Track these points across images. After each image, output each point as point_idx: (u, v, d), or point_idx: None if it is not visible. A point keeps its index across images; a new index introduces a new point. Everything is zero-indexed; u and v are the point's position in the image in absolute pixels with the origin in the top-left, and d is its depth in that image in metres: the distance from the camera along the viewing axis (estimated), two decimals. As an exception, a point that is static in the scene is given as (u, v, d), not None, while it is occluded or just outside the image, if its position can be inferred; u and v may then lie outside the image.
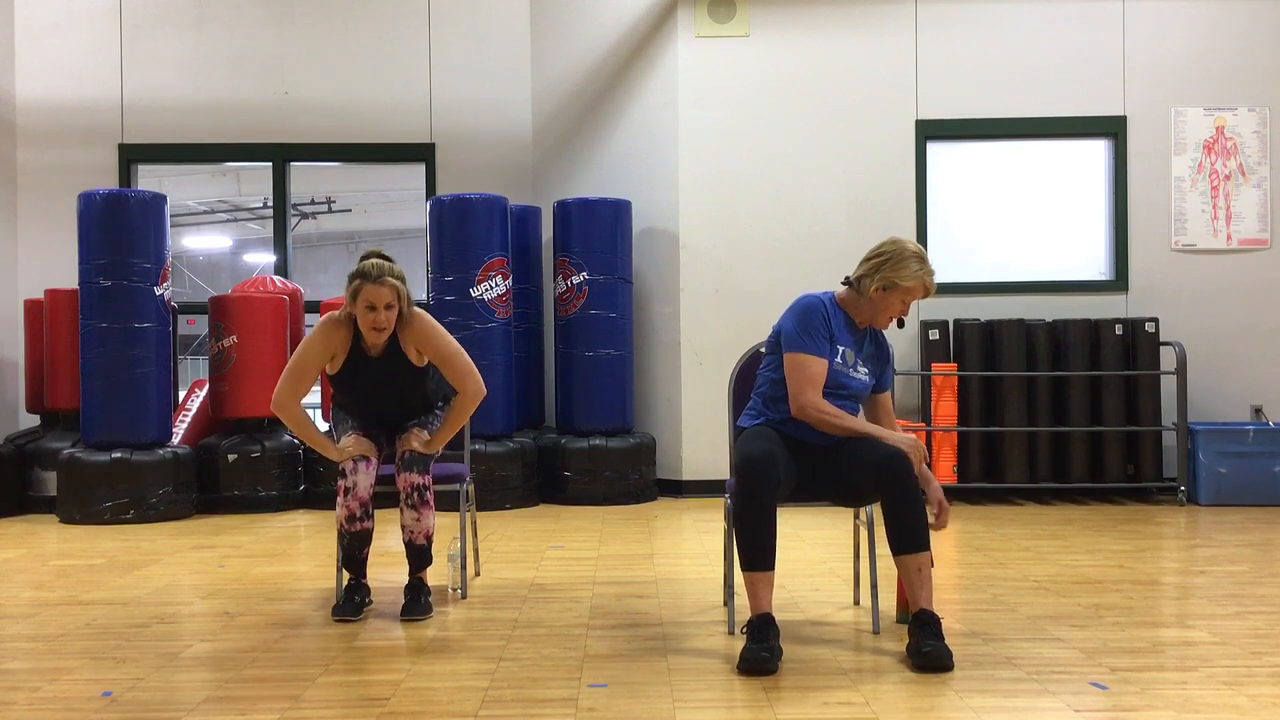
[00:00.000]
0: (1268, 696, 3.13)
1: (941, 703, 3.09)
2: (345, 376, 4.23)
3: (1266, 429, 7.19)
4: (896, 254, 3.76)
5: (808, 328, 3.76)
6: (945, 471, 7.28)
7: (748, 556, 3.53)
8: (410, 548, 4.26)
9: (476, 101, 8.79)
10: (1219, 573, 4.94)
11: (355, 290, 3.99)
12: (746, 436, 3.76)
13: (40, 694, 3.26)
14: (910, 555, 3.59)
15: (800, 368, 3.73)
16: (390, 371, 4.20)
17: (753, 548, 3.52)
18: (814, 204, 7.76)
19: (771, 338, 3.91)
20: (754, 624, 3.48)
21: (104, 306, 6.86)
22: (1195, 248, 7.78)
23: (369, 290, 3.98)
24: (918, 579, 3.59)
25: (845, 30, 7.80)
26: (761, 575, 3.51)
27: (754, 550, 3.52)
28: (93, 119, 8.67)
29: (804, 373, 3.72)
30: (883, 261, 3.77)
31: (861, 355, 3.86)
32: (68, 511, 6.80)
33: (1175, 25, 7.79)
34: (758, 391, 3.94)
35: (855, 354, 3.84)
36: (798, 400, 3.71)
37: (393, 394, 4.28)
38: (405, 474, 4.19)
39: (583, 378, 7.54)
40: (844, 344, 3.82)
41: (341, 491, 4.15)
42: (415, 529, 4.23)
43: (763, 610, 3.49)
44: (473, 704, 3.11)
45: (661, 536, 6.07)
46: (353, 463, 4.12)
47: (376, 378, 4.21)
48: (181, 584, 4.89)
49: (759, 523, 3.51)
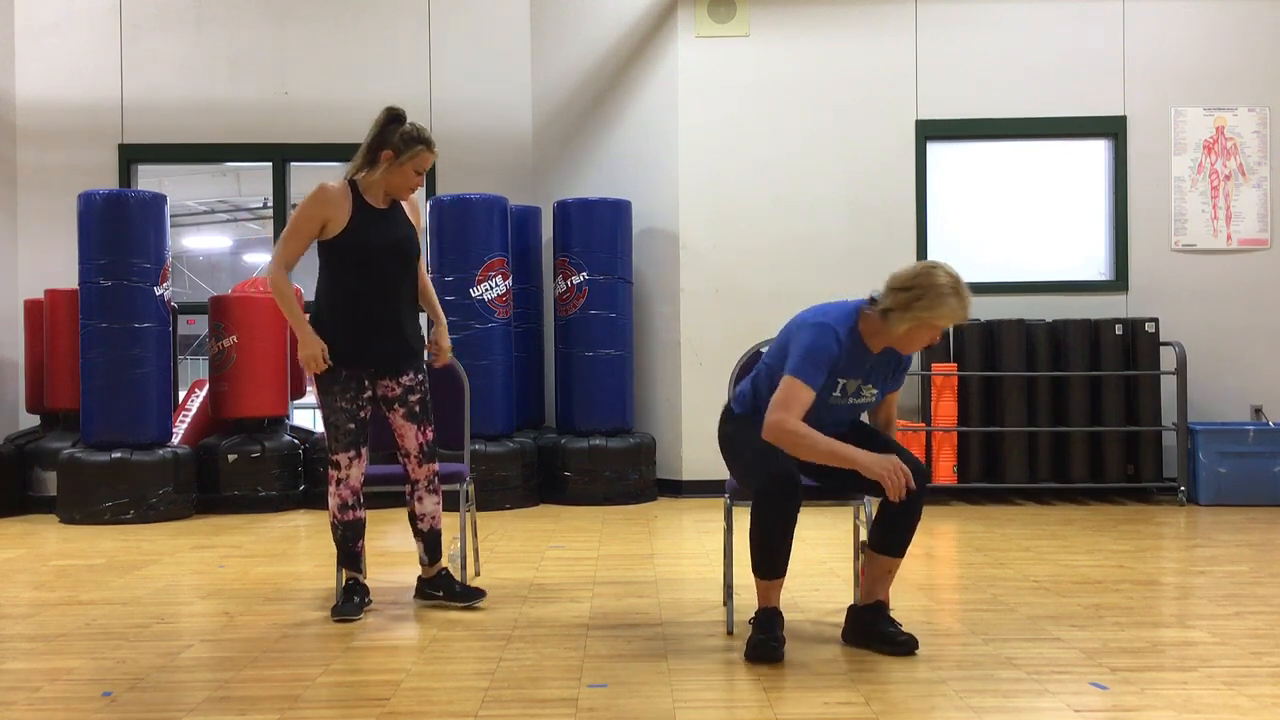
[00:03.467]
0: (1268, 696, 3.13)
1: (941, 703, 3.09)
2: (349, 238, 4.14)
3: (1266, 429, 7.19)
4: (932, 291, 3.46)
5: (814, 360, 3.51)
6: (945, 471, 7.28)
7: (766, 567, 3.59)
8: (431, 534, 4.38)
9: (476, 101, 8.78)
10: (1219, 573, 4.94)
11: (414, 153, 4.13)
12: (760, 450, 3.58)
13: (40, 694, 3.26)
14: (893, 558, 3.70)
15: (789, 390, 3.49)
16: (395, 229, 4.21)
17: (771, 559, 3.58)
18: (814, 204, 7.76)
19: (784, 336, 3.70)
20: (761, 616, 3.59)
21: (104, 306, 6.86)
22: (1195, 248, 7.78)
23: (426, 156, 4.18)
24: (887, 578, 3.73)
25: (845, 30, 7.80)
26: (775, 582, 3.61)
27: (771, 561, 3.58)
28: (93, 119, 8.66)
29: (790, 395, 3.48)
30: (914, 299, 3.47)
31: (871, 378, 3.67)
32: (68, 511, 6.80)
33: (1175, 25, 7.79)
34: (755, 378, 3.80)
35: (862, 381, 3.65)
36: (771, 416, 3.49)
37: (394, 261, 4.21)
38: (427, 464, 4.32)
39: (583, 378, 7.54)
40: (848, 376, 3.62)
41: (333, 481, 4.19)
42: (436, 514, 4.38)
43: (771, 605, 3.61)
44: (473, 704, 3.11)
45: (661, 536, 6.07)
46: (347, 456, 4.16)
47: (385, 235, 4.18)
48: (181, 584, 4.89)
49: (782, 538, 3.55)
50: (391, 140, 4.13)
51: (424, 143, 4.16)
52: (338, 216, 4.13)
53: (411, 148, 4.13)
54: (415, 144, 4.14)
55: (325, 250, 4.19)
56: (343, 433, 4.17)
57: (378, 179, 4.18)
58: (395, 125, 4.15)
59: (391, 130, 4.14)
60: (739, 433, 3.78)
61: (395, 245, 4.20)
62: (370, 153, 4.17)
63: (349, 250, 4.16)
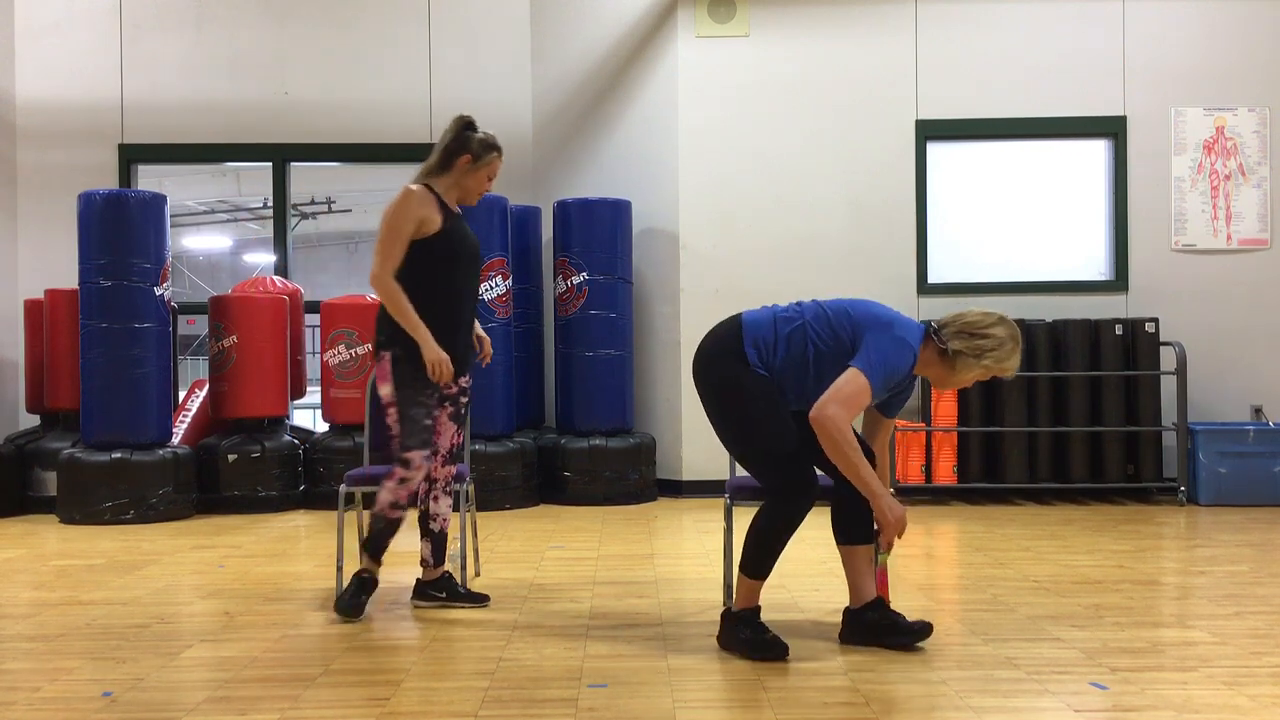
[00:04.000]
0: (1268, 696, 3.13)
1: (941, 703, 3.09)
2: (443, 239, 4.21)
3: (1266, 429, 7.19)
4: (1008, 344, 3.52)
5: (889, 372, 3.47)
6: (945, 471, 7.28)
7: (762, 566, 3.59)
8: (441, 536, 4.44)
9: (476, 101, 8.77)
10: (1219, 573, 4.94)
11: (490, 159, 4.29)
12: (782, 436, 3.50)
13: (40, 694, 3.26)
14: (866, 545, 3.74)
15: (857, 391, 3.43)
16: (470, 232, 4.38)
17: (769, 559, 3.59)
18: (814, 204, 7.76)
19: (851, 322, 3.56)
20: (750, 615, 3.61)
21: (104, 306, 6.86)
22: (1195, 248, 7.77)
23: (498, 163, 4.34)
24: (870, 569, 3.74)
25: (845, 30, 7.80)
26: (761, 582, 3.63)
27: (768, 561, 3.59)
28: (93, 119, 8.67)
29: (857, 396, 3.43)
30: (990, 349, 3.50)
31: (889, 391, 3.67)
32: (68, 511, 6.80)
33: (1175, 25, 7.79)
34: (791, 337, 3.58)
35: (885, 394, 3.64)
36: (827, 409, 3.41)
37: (477, 260, 4.38)
38: (450, 465, 4.43)
39: (583, 378, 7.54)
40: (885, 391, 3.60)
41: (396, 478, 4.18)
42: (449, 515, 4.47)
43: (757, 604, 3.64)
44: (473, 704, 3.11)
45: (661, 536, 6.07)
46: (420, 455, 4.16)
47: (468, 237, 4.34)
48: (181, 584, 4.89)
49: (785, 539, 3.58)
50: (469, 146, 4.26)
51: (498, 150, 4.34)
52: (432, 218, 4.19)
53: (488, 154, 4.30)
54: (491, 150, 4.30)
55: (415, 251, 4.19)
56: (420, 428, 4.18)
57: (452, 183, 4.29)
58: (470, 132, 4.28)
59: (467, 137, 4.27)
60: (755, 400, 3.57)
61: (476, 247, 4.36)
62: (445, 157, 4.27)
63: (442, 251, 4.21)
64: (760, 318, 3.67)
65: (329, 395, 7.62)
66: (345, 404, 7.52)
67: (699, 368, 3.73)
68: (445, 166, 4.27)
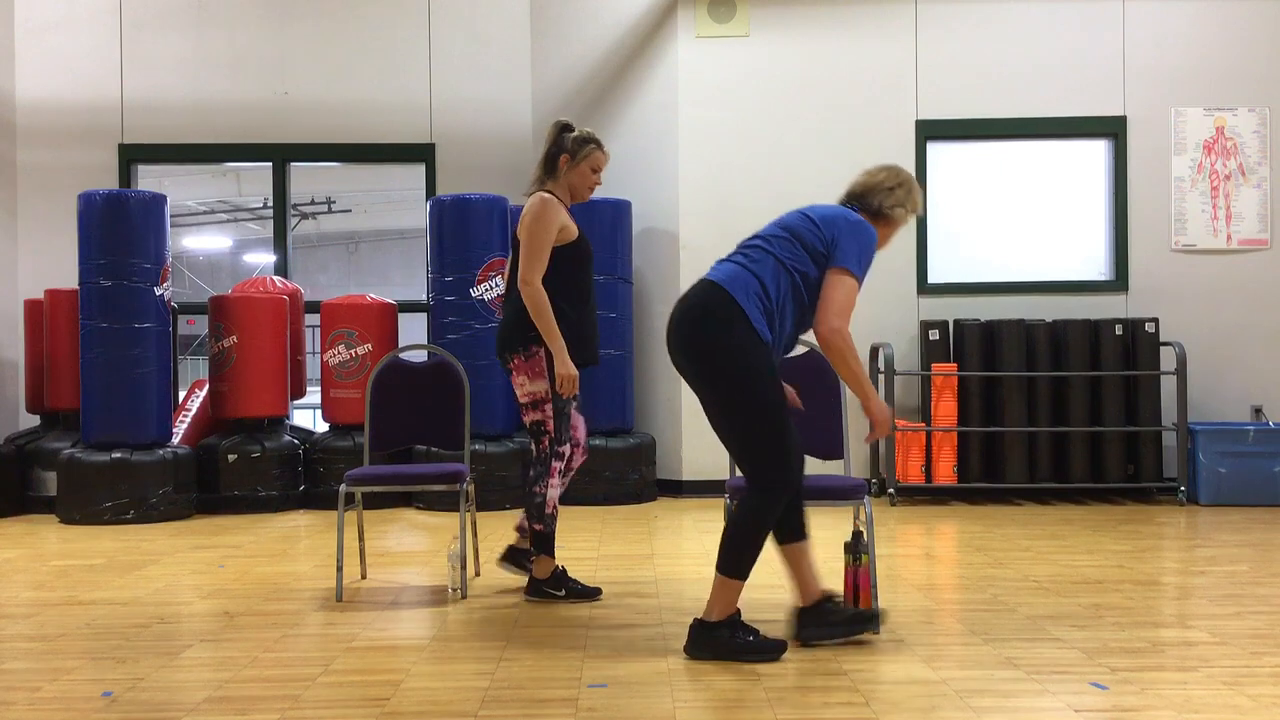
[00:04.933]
0: (1268, 696, 3.13)
1: (942, 703, 3.09)
2: (580, 243, 4.34)
3: (1266, 429, 7.19)
4: (908, 182, 3.72)
5: (866, 260, 3.59)
6: (945, 471, 7.28)
7: (745, 568, 3.55)
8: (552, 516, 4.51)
9: (476, 101, 8.79)
10: (1219, 573, 4.94)
11: (589, 152, 4.35)
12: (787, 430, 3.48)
13: (40, 694, 3.26)
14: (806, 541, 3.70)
15: (849, 295, 3.51)
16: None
17: (753, 560, 3.55)
18: (814, 204, 7.75)
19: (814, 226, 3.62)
20: (737, 619, 3.57)
21: (104, 307, 6.86)
22: (1195, 248, 7.78)
23: (599, 155, 4.38)
24: (814, 565, 3.72)
25: (845, 30, 7.81)
26: (744, 583, 3.58)
27: (752, 562, 3.56)
28: (93, 119, 8.67)
29: (849, 299, 3.51)
30: (908, 193, 3.71)
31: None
32: (68, 511, 6.80)
33: (1175, 25, 7.79)
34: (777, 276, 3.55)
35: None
36: (832, 324, 3.46)
37: (593, 263, 4.48)
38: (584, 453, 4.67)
39: (582, 378, 7.53)
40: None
41: (556, 473, 4.33)
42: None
43: (738, 609, 3.59)
44: (473, 704, 3.11)
45: (661, 536, 6.07)
46: (568, 449, 4.37)
47: (588, 238, 4.42)
48: (181, 584, 4.89)
49: (765, 539, 3.56)
50: (565, 145, 4.33)
51: (595, 142, 4.38)
52: (569, 224, 4.30)
53: (585, 147, 4.35)
54: (587, 144, 4.36)
55: (557, 257, 4.28)
56: (567, 424, 4.37)
57: (562, 187, 4.38)
58: (566, 133, 4.35)
59: (563, 138, 4.35)
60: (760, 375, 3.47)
61: (592, 248, 4.47)
62: (549, 163, 4.37)
63: (580, 254, 4.34)
64: (734, 273, 3.54)
65: (329, 395, 7.63)
66: (345, 404, 7.52)
67: (689, 341, 3.52)
68: (551, 172, 4.37)
